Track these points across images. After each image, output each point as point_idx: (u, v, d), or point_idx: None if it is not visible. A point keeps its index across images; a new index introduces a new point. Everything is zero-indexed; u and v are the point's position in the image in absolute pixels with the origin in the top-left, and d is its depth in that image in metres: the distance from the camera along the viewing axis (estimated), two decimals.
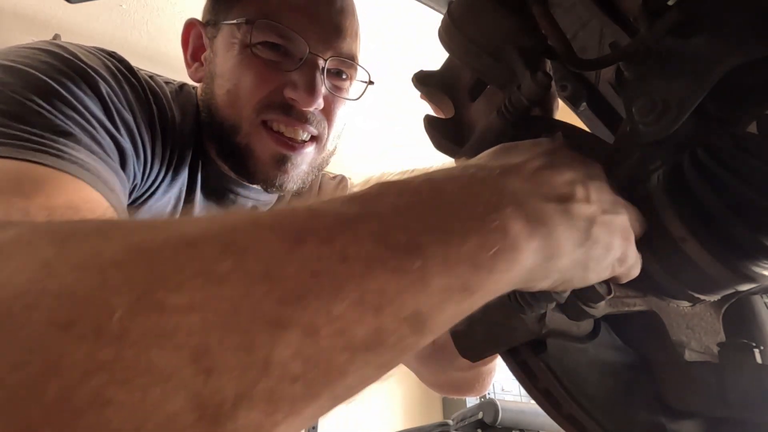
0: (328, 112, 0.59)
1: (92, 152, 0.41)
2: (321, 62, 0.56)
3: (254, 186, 0.63)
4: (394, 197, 0.21)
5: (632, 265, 0.29)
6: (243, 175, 0.60)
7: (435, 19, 0.45)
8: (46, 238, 0.16)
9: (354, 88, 0.64)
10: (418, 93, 0.47)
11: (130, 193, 0.51)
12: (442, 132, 0.42)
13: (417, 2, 0.62)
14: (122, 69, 0.51)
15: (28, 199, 0.32)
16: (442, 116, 0.46)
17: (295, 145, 0.57)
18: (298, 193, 0.69)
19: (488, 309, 0.29)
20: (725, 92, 0.29)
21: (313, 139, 0.59)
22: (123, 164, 0.47)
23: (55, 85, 0.42)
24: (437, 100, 0.46)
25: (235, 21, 0.55)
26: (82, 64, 0.45)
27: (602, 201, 0.27)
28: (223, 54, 0.57)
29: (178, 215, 0.58)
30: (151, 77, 0.56)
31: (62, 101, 0.42)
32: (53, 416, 0.12)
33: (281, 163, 0.57)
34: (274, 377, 0.15)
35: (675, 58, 0.29)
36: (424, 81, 0.45)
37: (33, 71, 0.42)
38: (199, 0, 0.64)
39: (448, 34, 0.40)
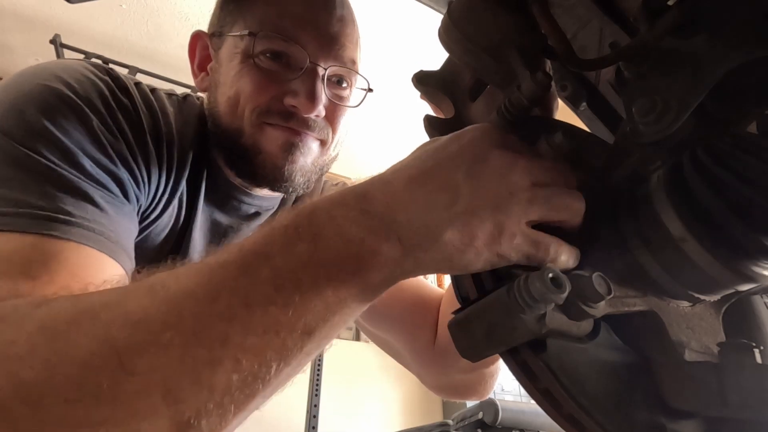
0: (331, 120, 0.61)
1: (96, 204, 0.43)
2: (321, 71, 0.58)
3: (257, 193, 0.65)
4: (281, 239, 0.29)
5: (520, 255, 0.30)
6: (250, 177, 0.61)
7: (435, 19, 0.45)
8: (41, 337, 0.25)
9: (354, 95, 0.65)
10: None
11: (139, 211, 0.53)
12: (442, 132, 0.42)
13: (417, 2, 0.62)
14: (114, 90, 0.51)
15: (33, 281, 0.35)
16: (442, 116, 0.46)
17: (300, 131, 0.58)
18: (299, 199, 0.72)
19: (488, 309, 0.29)
20: (725, 92, 0.29)
21: (318, 140, 0.61)
22: (125, 194, 0.49)
23: (57, 132, 0.43)
24: (437, 100, 0.46)
25: (238, 33, 0.58)
26: (77, 100, 0.46)
27: (470, 200, 0.30)
28: (227, 64, 0.59)
29: (180, 223, 0.60)
30: (152, 90, 0.57)
31: (63, 150, 0.43)
32: None
33: (289, 151, 0.58)
34: (218, 395, 0.25)
35: (675, 58, 0.29)
36: (423, 81, 0.45)
37: (35, 115, 0.43)
38: (199, 0, 0.64)
39: (447, 34, 0.40)
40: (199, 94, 0.66)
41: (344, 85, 0.63)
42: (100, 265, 0.40)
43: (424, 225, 0.29)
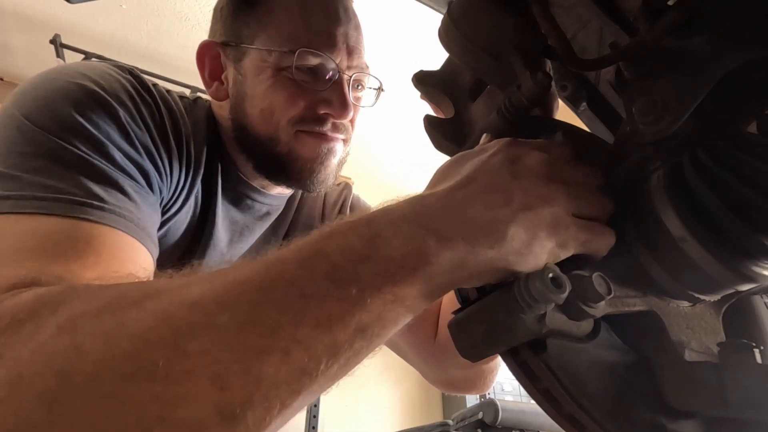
0: (351, 120, 0.66)
1: (125, 192, 0.45)
2: (346, 77, 0.63)
3: (271, 192, 0.69)
4: (340, 238, 0.28)
5: (578, 244, 0.31)
6: (285, 181, 0.66)
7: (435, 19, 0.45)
8: (107, 313, 0.26)
9: (367, 94, 0.70)
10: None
11: (161, 204, 0.55)
12: (442, 132, 0.43)
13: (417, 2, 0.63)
14: (138, 87, 0.54)
15: (82, 260, 0.36)
16: (442, 116, 0.46)
17: (332, 138, 0.63)
18: (303, 197, 0.78)
19: (488, 309, 0.29)
20: (725, 92, 0.29)
21: (342, 140, 0.66)
22: (150, 185, 0.51)
23: (88, 125, 0.45)
24: (437, 100, 0.46)
25: (268, 48, 0.60)
26: (105, 95, 0.49)
27: (524, 197, 0.30)
28: (254, 77, 0.61)
29: (197, 218, 0.63)
30: (168, 92, 0.60)
31: (94, 142, 0.45)
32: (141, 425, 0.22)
33: (326, 157, 0.63)
34: (265, 386, 0.24)
35: (675, 58, 0.29)
36: (423, 81, 0.45)
37: (67, 109, 0.45)
38: (200, 0, 0.65)
39: (447, 34, 0.40)
40: (207, 97, 0.69)
41: (360, 87, 0.68)
42: (132, 249, 0.42)
43: (487, 223, 0.29)
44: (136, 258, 0.42)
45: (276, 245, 0.30)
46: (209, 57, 0.66)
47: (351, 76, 0.63)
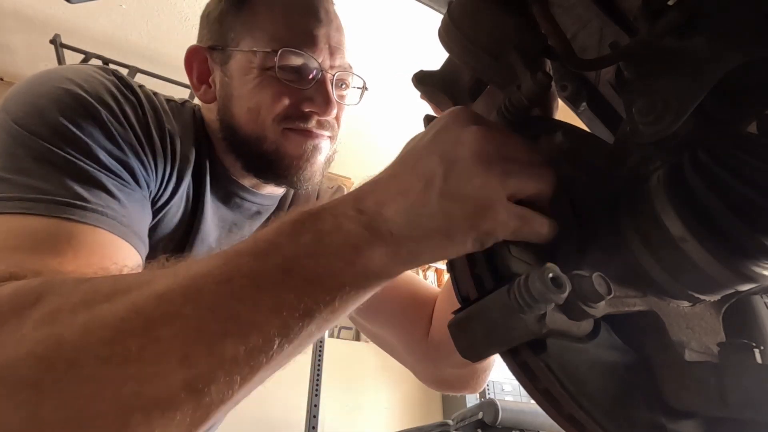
0: (337, 118, 0.68)
1: (109, 191, 0.48)
2: (330, 77, 0.65)
3: (261, 192, 0.71)
4: (291, 234, 0.32)
5: (507, 231, 0.30)
6: (272, 179, 0.67)
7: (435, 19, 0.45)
8: (82, 306, 0.29)
9: (351, 94, 0.73)
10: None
11: (150, 197, 0.57)
12: None
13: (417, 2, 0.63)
14: (121, 87, 0.56)
15: (60, 257, 0.39)
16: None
17: (317, 135, 0.65)
18: (295, 197, 0.80)
19: (488, 309, 0.29)
20: (725, 92, 0.29)
21: (327, 137, 0.68)
22: (136, 181, 0.53)
23: (73, 128, 0.48)
24: (437, 100, 0.46)
25: (253, 49, 0.63)
26: (88, 98, 0.51)
27: (445, 184, 0.31)
28: (240, 77, 0.64)
29: (189, 212, 0.65)
30: (154, 93, 0.62)
31: (79, 144, 0.48)
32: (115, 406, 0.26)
33: (312, 154, 0.65)
34: (227, 364, 0.28)
35: (675, 58, 0.29)
36: (423, 81, 0.45)
37: (54, 113, 0.48)
38: (200, 0, 0.65)
39: (447, 34, 0.40)
40: (196, 102, 0.71)
41: (344, 86, 0.71)
42: (113, 246, 0.45)
43: (407, 215, 0.31)
44: (116, 254, 0.44)
45: None
46: (197, 61, 0.68)
47: (334, 75, 0.65)
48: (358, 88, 0.74)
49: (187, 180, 0.63)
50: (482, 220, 0.30)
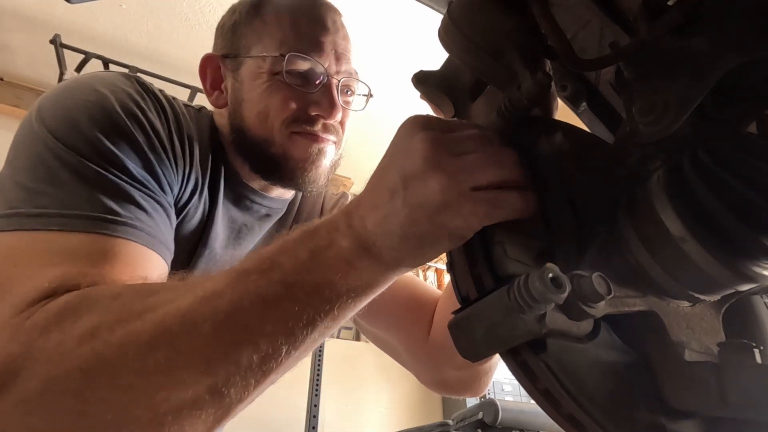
0: (342, 123, 0.71)
1: (138, 204, 0.50)
2: (335, 82, 0.68)
3: (270, 195, 0.74)
4: (291, 252, 0.36)
5: (478, 220, 0.32)
6: (279, 181, 0.70)
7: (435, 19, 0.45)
8: (118, 325, 0.34)
9: (356, 100, 0.75)
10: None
11: (175, 203, 0.60)
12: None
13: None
14: (144, 95, 0.58)
15: (97, 268, 0.42)
16: (442, 116, 0.46)
17: (322, 137, 0.68)
18: (303, 202, 0.83)
19: (488, 309, 0.29)
20: (725, 92, 0.29)
21: (332, 142, 0.70)
22: (161, 186, 0.55)
23: (107, 143, 0.50)
24: (437, 100, 0.46)
25: (262, 54, 0.66)
26: (117, 109, 0.52)
27: (407, 194, 0.33)
28: (250, 82, 0.67)
29: (206, 215, 0.67)
30: (174, 99, 0.65)
31: (109, 157, 0.49)
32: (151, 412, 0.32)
33: (317, 157, 0.67)
34: (242, 370, 0.33)
35: (675, 58, 0.29)
36: (423, 81, 0.45)
37: (87, 126, 0.50)
38: (200, 0, 0.66)
39: (447, 34, 0.40)
40: (210, 108, 0.74)
41: (350, 93, 0.73)
42: (142, 257, 0.48)
43: (383, 226, 0.34)
44: (144, 264, 0.48)
45: None
46: (210, 68, 0.72)
47: (339, 80, 0.68)
48: (363, 95, 0.76)
49: (205, 183, 0.65)
50: (448, 218, 0.31)
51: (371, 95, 0.77)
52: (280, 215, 0.78)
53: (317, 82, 0.67)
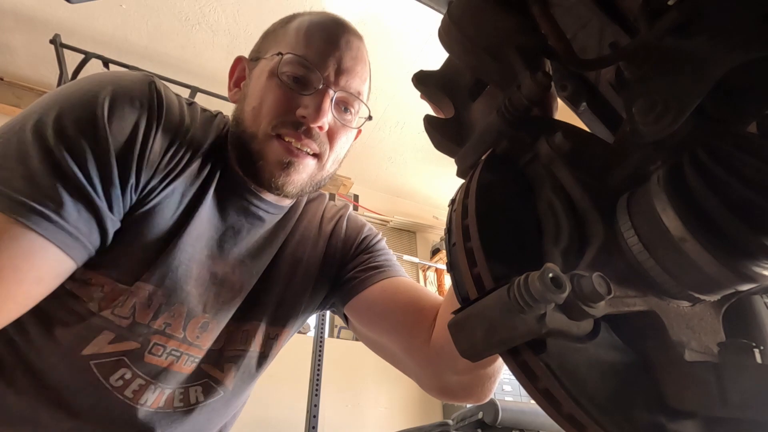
0: (331, 136, 0.73)
1: (67, 202, 0.53)
2: (331, 93, 0.70)
3: (265, 197, 0.75)
4: None
5: None
6: (252, 176, 0.71)
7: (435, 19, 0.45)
8: None
9: (356, 122, 0.77)
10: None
11: (145, 187, 0.62)
12: (442, 132, 0.42)
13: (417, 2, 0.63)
14: (156, 100, 0.64)
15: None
16: (442, 116, 0.46)
17: (299, 153, 0.69)
18: (303, 213, 0.86)
19: (488, 309, 0.29)
20: (725, 92, 0.29)
21: (315, 155, 0.71)
22: (124, 178, 0.59)
23: (69, 132, 0.55)
24: (437, 100, 0.46)
25: (269, 55, 0.72)
26: (94, 98, 0.57)
27: None
28: (256, 80, 0.72)
29: (187, 207, 0.68)
30: (190, 104, 0.72)
31: (65, 146, 0.54)
32: None
33: (286, 167, 0.69)
34: None
35: (675, 58, 0.29)
36: (423, 81, 0.45)
37: (67, 112, 0.56)
38: (199, 1, 0.67)
39: (447, 34, 0.40)
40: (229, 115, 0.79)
41: (348, 111, 0.75)
42: (42, 252, 0.51)
43: None
44: (41, 261, 0.51)
45: (271, 253, 0.39)
46: (237, 69, 0.79)
47: (335, 92, 0.70)
48: (363, 117, 0.78)
49: (195, 183, 0.68)
50: None
51: (370, 118, 0.79)
52: (275, 221, 0.79)
53: (312, 87, 0.69)
